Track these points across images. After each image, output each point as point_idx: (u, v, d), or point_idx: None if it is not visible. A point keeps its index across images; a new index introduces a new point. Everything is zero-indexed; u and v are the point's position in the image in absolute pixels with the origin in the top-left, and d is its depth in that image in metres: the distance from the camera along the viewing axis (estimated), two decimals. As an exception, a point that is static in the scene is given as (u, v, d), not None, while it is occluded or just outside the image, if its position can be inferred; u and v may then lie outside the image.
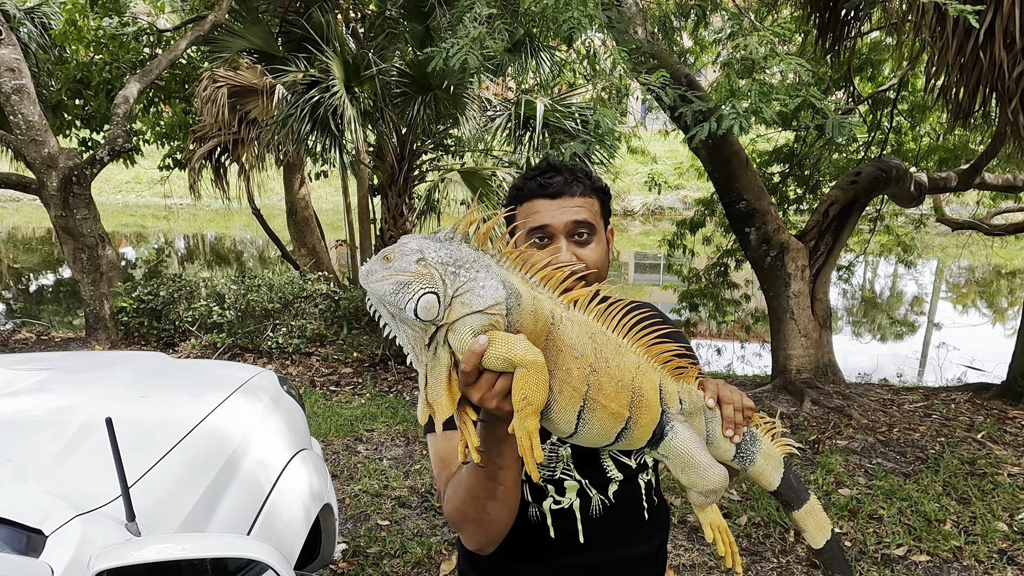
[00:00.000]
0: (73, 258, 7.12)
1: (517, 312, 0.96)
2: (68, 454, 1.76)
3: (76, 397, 2.18)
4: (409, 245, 0.95)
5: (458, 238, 0.98)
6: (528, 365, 0.93)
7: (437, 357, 0.97)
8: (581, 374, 1.00)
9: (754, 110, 3.43)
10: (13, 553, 1.35)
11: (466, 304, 0.94)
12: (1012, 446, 4.65)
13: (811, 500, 1.25)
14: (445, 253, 0.95)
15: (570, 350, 1.00)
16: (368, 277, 0.94)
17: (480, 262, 0.97)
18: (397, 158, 7.34)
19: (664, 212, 22.41)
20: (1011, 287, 14.95)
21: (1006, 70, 4.02)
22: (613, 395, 1.03)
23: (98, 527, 1.46)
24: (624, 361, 1.06)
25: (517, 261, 1.01)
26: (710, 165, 5.76)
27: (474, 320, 0.93)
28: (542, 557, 1.33)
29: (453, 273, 0.94)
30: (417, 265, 0.93)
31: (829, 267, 6.03)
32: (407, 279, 0.92)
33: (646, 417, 1.07)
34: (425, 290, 0.92)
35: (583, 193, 1.33)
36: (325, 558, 2.72)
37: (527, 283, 1.00)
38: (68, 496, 1.53)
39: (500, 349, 0.92)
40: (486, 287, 0.95)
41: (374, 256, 0.96)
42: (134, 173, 23.11)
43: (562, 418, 1.01)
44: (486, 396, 0.95)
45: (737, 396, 1.17)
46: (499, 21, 4.03)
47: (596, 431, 1.03)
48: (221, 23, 7.05)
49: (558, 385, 0.99)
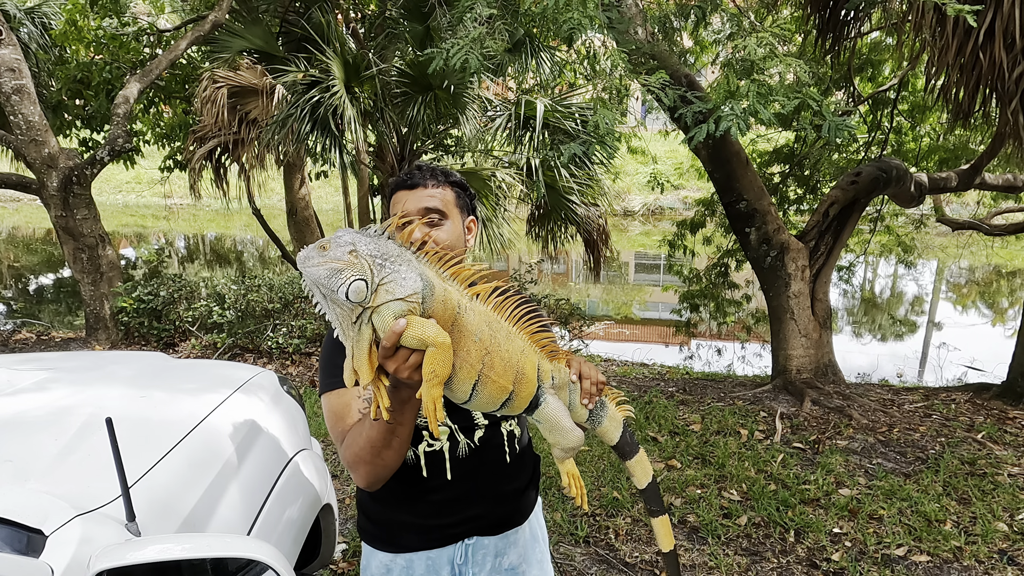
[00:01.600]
0: (73, 258, 7.12)
1: (431, 301, 1.14)
2: (68, 454, 1.76)
3: (76, 397, 2.18)
4: (344, 238, 1.10)
5: (385, 235, 1.15)
6: (438, 345, 1.11)
7: (361, 333, 1.13)
8: (478, 355, 1.20)
9: (753, 111, 3.43)
10: (13, 553, 1.35)
11: (389, 292, 1.10)
12: (1012, 446, 4.65)
13: (640, 452, 1.53)
14: (374, 247, 1.11)
15: (471, 335, 1.19)
16: (305, 262, 1.08)
17: (402, 257, 1.14)
18: (397, 158, 7.34)
19: (664, 212, 22.41)
20: (1011, 287, 14.94)
21: (1006, 70, 4.02)
22: (502, 372, 1.23)
23: (98, 527, 1.46)
24: (512, 345, 1.26)
25: (433, 258, 1.19)
26: (710, 165, 5.76)
27: (396, 306, 1.10)
28: (416, 494, 1.58)
29: (380, 265, 1.10)
30: (350, 255, 1.08)
31: (829, 267, 6.03)
32: (340, 266, 1.07)
33: (526, 390, 1.29)
34: (356, 277, 1.07)
35: (435, 184, 1.57)
36: (325, 558, 2.72)
37: (440, 277, 1.18)
38: (68, 496, 1.53)
39: (416, 331, 1.09)
40: (407, 278, 1.12)
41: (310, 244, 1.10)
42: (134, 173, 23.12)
43: (460, 388, 1.21)
44: (400, 368, 1.13)
45: (594, 372, 1.40)
46: (499, 21, 4.03)
47: (486, 400, 1.24)
48: (221, 23, 7.05)
49: (459, 362, 1.18)
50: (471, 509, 1.61)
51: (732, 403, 5.54)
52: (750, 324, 9.09)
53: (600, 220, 7.71)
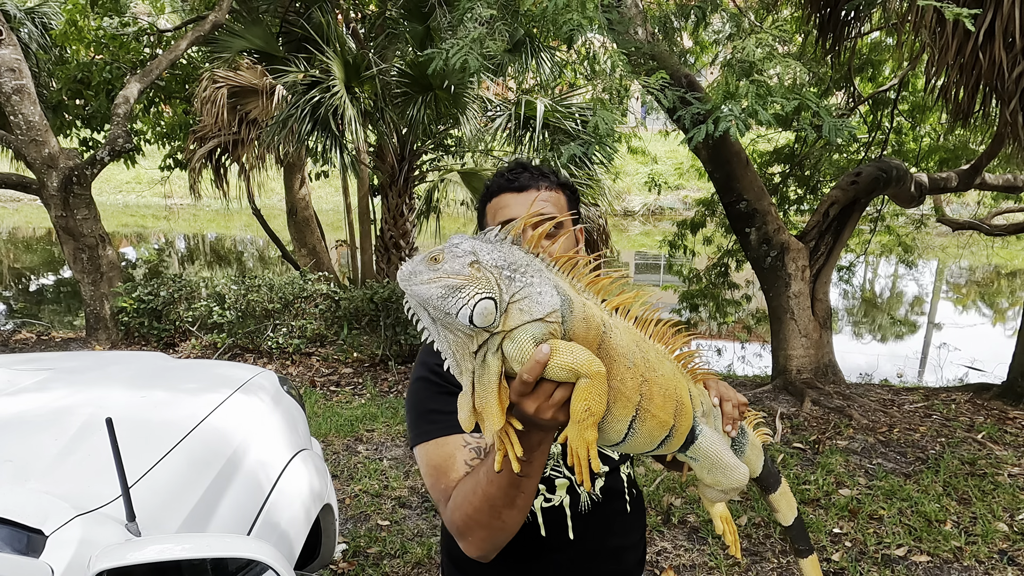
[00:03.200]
0: (73, 258, 7.12)
1: (570, 320, 0.94)
2: (68, 454, 1.76)
3: (76, 397, 2.18)
4: (462, 246, 0.91)
5: (509, 240, 0.95)
6: (592, 375, 0.90)
7: (486, 365, 0.92)
8: (634, 384, 0.99)
9: (752, 112, 3.43)
10: (13, 553, 1.35)
11: (525, 311, 0.91)
12: (1012, 446, 4.65)
13: (783, 483, 1.36)
14: (499, 256, 0.91)
15: (623, 359, 0.98)
16: (411, 279, 0.89)
17: (533, 267, 0.94)
18: (397, 158, 7.34)
19: (664, 212, 22.40)
20: (1011, 287, 14.94)
21: (1006, 70, 4.02)
22: (662, 404, 1.03)
23: (98, 527, 1.46)
24: (666, 369, 1.06)
25: (566, 265, 0.99)
26: (710, 165, 5.76)
27: (535, 328, 0.90)
28: (532, 555, 1.36)
29: (508, 278, 0.91)
30: (471, 268, 0.89)
31: (829, 267, 6.03)
32: (459, 283, 0.87)
33: (684, 423, 1.09)
34: (482, 295, 0.88)
35: (549, 187, 1.38)
36: (325, 558, 2.72)
37: (575, 289, 0.98)
38: (68, 496, 1.54)
39: (564, 358, 0.89)
40: (543, 293, 0.92)
41: (416, 256, 0.92)
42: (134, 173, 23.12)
43: (614, 428, 1.00)
44: (543, 406, 0.92)
45: (732, 392, 1.22)
46: (499, 22, 4.03)
47: (643, 439, 1.04)
48: (221, 23, 7.05)
49: (613, 395, 0.96)
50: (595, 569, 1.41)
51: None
52: (750, 324, 9.09)
53: (600, 220, 7.72)
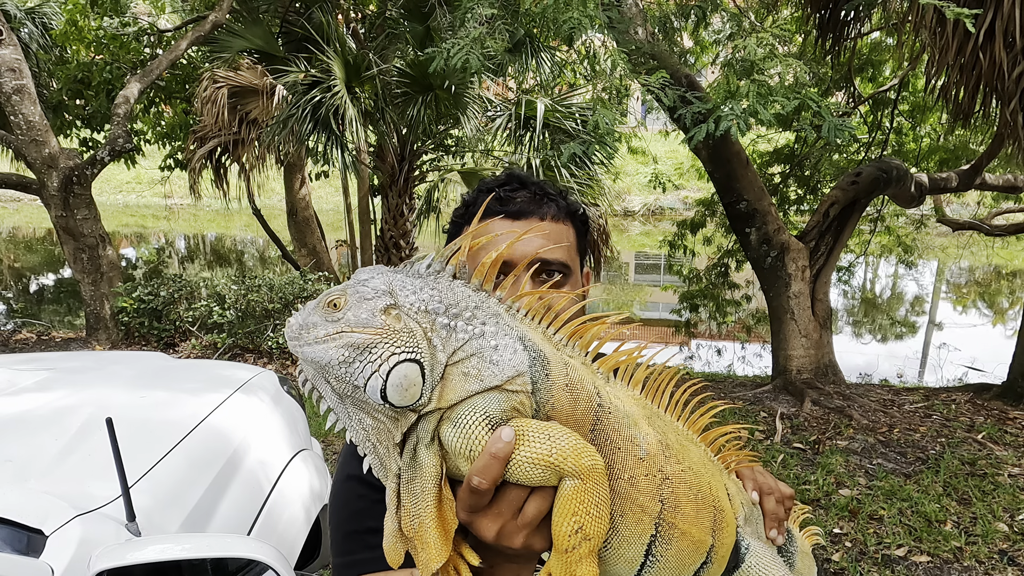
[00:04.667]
0: (74, 258, 7.12)
1: (546, 387, 0.64)
2: (68, 454, 1.76)
3: (76, 397, 2.18)
4: (372, 283, 0.63)
5: (448, 271, 0.66)
6: (584, 474, 0.60)
7: (417, 463, 0.63)
8: (651, 485, 0.67)
9: (753, 111, 3.43)
10: (13, 553, 1.35)
11: (472, 376, 0.62)
12: (1012, 447, 4.65)
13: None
14: (430, 296, 0.63)
15: (631, 446, 0.67)
16: (302, 336, 0.62)
17: (485, 310, 0.65)
18: (398, 158, 7.34)
19: (664, 212, 22.40)
20: (1011, 288, 14.94)
21: (1006, 71, 4.02)
22: (694, 515, 0.70)
23: (98, 527, 1.46)
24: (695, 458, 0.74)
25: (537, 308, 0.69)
26: (710, 165, 5.76)
27: (489, 402, 0.61)
28: None
29: (447, 327, 0.62)
30: (385, 316, 0.61)
31: (829, 267, 6.03)
32: (368, 339, 0.60)
33: (727, 541, 0.75)
34: (402, 356, 0.60)
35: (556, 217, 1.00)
36: (325, 558, 2.72)
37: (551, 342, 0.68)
38: (68, 496, 1.53)
39: (537, 449, 0.59)
40: (501, 348, 0.63)
41: (310, 303, 0.64)
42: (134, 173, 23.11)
43: (623, 555, 0.67)
44: (508, 528, 0.62)
45: (773, 482, 0.90)
46: (499, 21, 4.03)
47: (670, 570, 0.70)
48: (222, 23, 7.05)
49: (619, 504, 0.66)
50: None
51: (732, 403, 5.53)
52: (750, 324, 9.09)
53: (600, 220, 7.71)
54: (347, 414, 0.65)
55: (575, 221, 1.06)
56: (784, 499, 0.88)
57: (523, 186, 1.02)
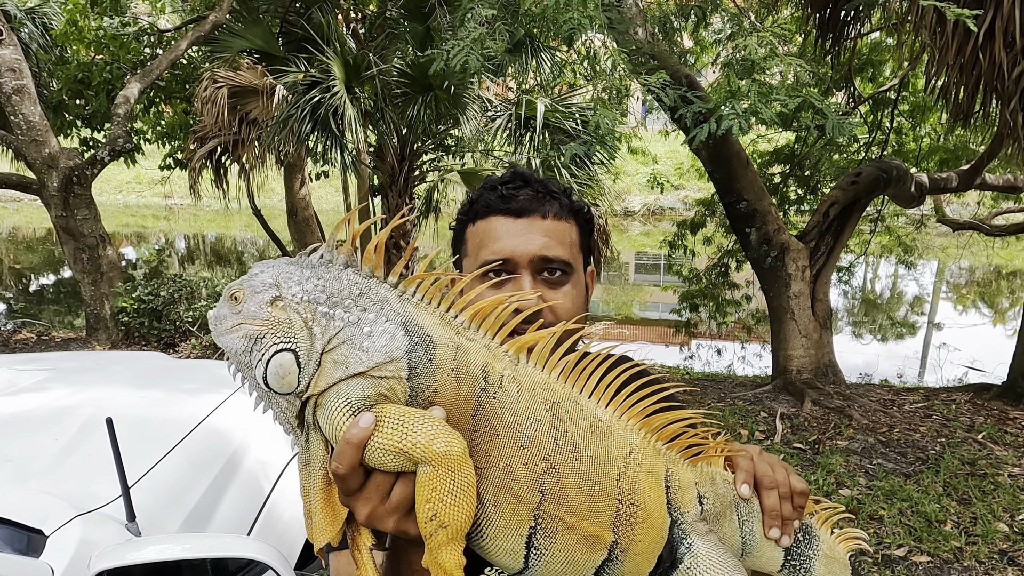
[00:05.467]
0: (74, 258, 7.12)
1: (429, 372, 0.65)
2: (68, 454, 1.76)
3: (76, 397, 2.19)
4: (261, 277, 0.66)
5: (339, 260, 0.67)
6: (437, 460, 0.59)
7: (308, 446, 0.66)
8: (530, 474, 0.65)
9: (754, 111, 3.43)
10: (13, 553, 1.35)
11: (340, 363, 0.63)
12: (1013, 447, 4.64)
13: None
14: (313, 286, 0.65)
15: (512, 433, 0.66)
16: (217, 326, 0.66)
17: (370, 296, 0.66)
18: (398, 158, 7.34)
19: (664, 212, 22.40)
20: (1011, 288, 14.94)
21: (1006, 71, 4.02)
22: (585, 508, 0.66)
23: (98, 527, 1.46)
24: (607, 447, 0.69)
25: (434, 292, 0.69)
26: (711, 165, 5.76)
27: (352, 388, 0.62)
28: None
29: (325, 315, 0.64)
30: (271, 308, 0.64)
31: (829, 267, 6.03)
32: (257, 329, 0.64)
33: (645, 538, 0.69)
34: (278, 346, 0.63)
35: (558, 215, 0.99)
36: (325, 558, 2.71)
37: (450, 326, 0.68)
38: (68, 496, 1.53)
39: (391, 435, 0.60)
40: (376, 334, 0.64)
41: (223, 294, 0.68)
42: (135, 173, 23.12)
43: (501, 546, 0.66)
44: (378, 512, 0.63)
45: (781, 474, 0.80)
46: (499, 22, 4.03)
47: (560, 565, 0.67)
48: (222, 23, 7.05)
49: (492, 492, 0.65)
50: None
51: (732, 403, 5.53)
52: (750, 324, 9.09)
53: (600, 220, 7.71)
54: (267, 396, 0.68)
55: (579, 219, 1.05)
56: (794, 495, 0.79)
57: (526, 184, 1.02)
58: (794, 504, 0.79)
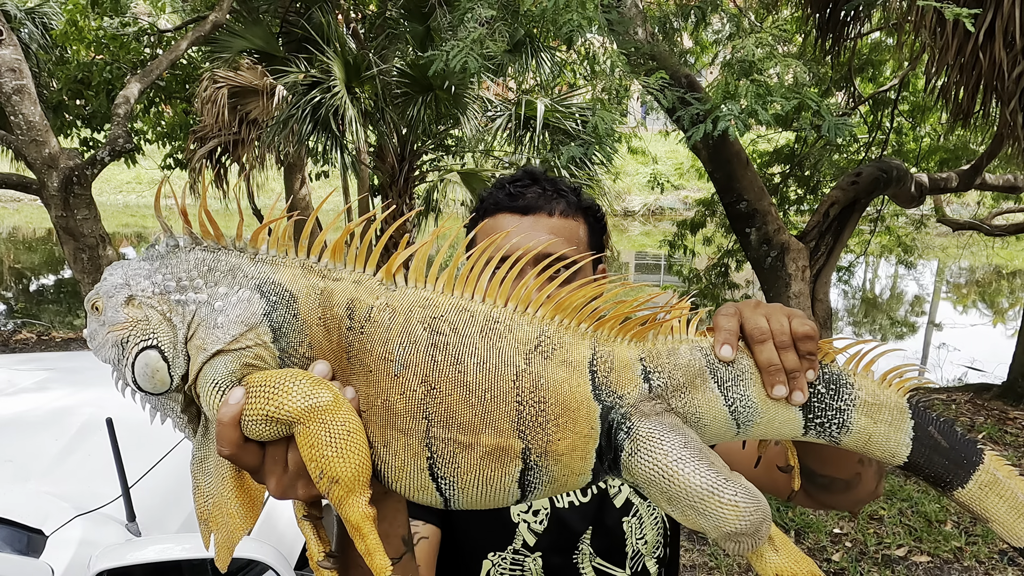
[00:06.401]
0: (74, 258, 7.12)
1: (295, 329, 0.62)
2: (69, 454, 1.76)
3: (76, 397, 2.19)
4: (111, 280, 0.64)
5: (185, 243, 0.65)
6: (303, 417, 0.57)
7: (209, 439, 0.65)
8: (409, 402, 0.61)
9: (751, 111, 3.43)
10: (14, 553, 1.35)
11: (200, 347, 0.61)
12: (1013, 446, 4.65)
13: (987, 461, 0.70)
14: (162, 276, 0.63)
15: (384, 364, 0.61)
16: (91, 343, 0.64)
17: (219, 267, 0.64)
18: (398, 158, 7.34)
19: (664, 212, 22.40)
20: (1012, 288, 14.94)
21: (1006, 70, 4.02)
22: (477, 421, 0.61)
23: (98, 527, 1.46)
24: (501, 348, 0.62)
25: (287, 242, 0.67)
26: (710, 165, 5.76)
27: (216, 367, 0.60)
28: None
29: (179, 303, 0.62)
30: (127, 308, 0.62)
31: (830, 268, 6.03)
32: (120, 334, 0.62)
33: (565, 435, 0.62)
34: (140, 345, 0.61)
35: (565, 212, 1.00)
36: (325, 558, 2.71)
37: (312, 273, 0.65)
38: (68, 496, 1.54)
39: (256, 404, 0.58)
40: (227, 307, 0.61)
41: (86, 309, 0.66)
42: (135, 173, 23.11)
43: (410, 486, 0.62)
44: (283, 483, 0.62)
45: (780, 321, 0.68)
46: (499, 22, 4.03)
47: (477, 489, 0.62)
48: (222, 23, 7.05)
49: (379, 432, 0.61)
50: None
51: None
52: (750, 324, 9.08)
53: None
54: (161, 405, 0.65)
55: (588, 217, 1.06)
56: (796, 341, 0.66)
57: (535, 182, 1.03)
58: (800, 352, 0.66)
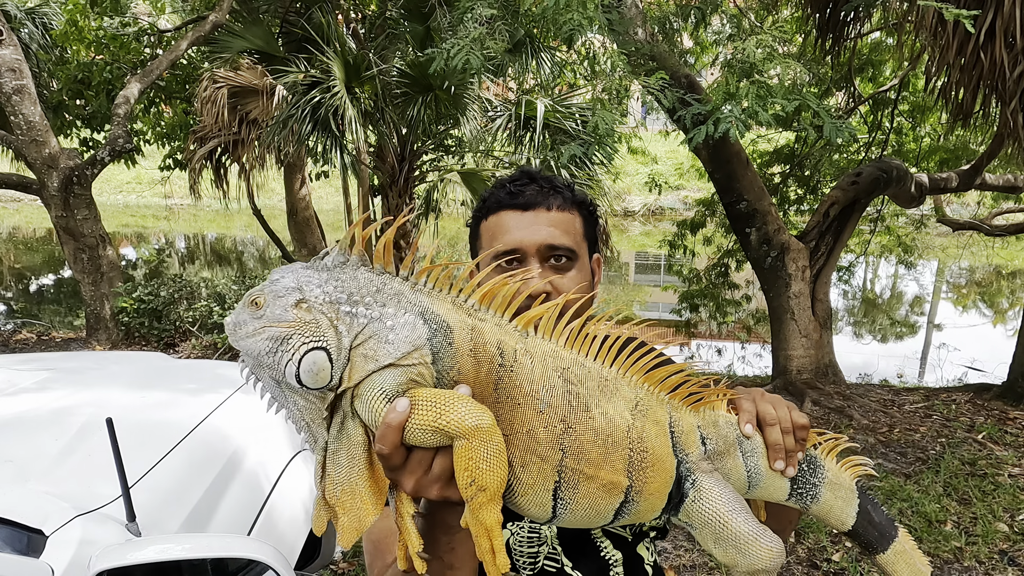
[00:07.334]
0: (74, 258, 7.12)
1: (449, 355, 0.71)
2: (69, 454, 1.76)
3: (76, 397, 2.19)
4: (283, 282, 0.71)
5: (352, 261, 0.73)
6: (469, 434, 0.67)
7: (345, 435, 0.72)
8: (550, 435, 0.74)
9: (752, 112, 3.43)
10: (14, 553, 1.35)
11: (371, 357, 0.69)
12: (1013, 447, 4.65)
13: (900, 537, 0.94)
14: (334, 287, 0.71)
15: (531, 400, 0.74)
16: (236, 331, 0.71)
17: (386, 291, 0.72)
18: (398, 158, 7.34)
19: (664, 212, 22.39)
20: (1012, 288, 14.94)
21: (1006, 70, 4.02)
22: (601, 459, 0.76)
23: (98, 527, 1.46)
24: (615, 403, 0.78)
25: (443, 280, 0.75)
26: (711, 166, 5.76)
27: (386, 378, 0.69)
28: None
29: (348, 314, 0.70)
30: (296, 310, 0.69)
31: (830, 268, 6.03)
32: (284, 331, 0.69)
33: (656, 479, 0.79)
34: (310, 344, 0.68)
35: (561, 207, 1.09)
36: (325, 558, 2.72)
37: (462, 309, 0.75)
38: (69, 496, 1.54)
39: (427, 416, 0.67)
40: (397, 327, 0.70)
41: (240, 303, 0.72)
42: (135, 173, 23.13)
43: (532, 501, 0.75)
44: (422, 482, 0.71)
45: (783, 411, 0.88)
46: (499, 22, 4.03)
47: (584, 511, 0.77)
48: (222, 23, 7.06)
49: (520, 455, 0.73)
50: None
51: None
52: (750, 324, 9.08)
53: (600, 220, 7.71)
54: (283, 396, 0.73)
55: (582, 210, 1.14)
56: (795, 428, 0.87)
57: (532, 180, 1.11)
58: (796, 437, 0.87)
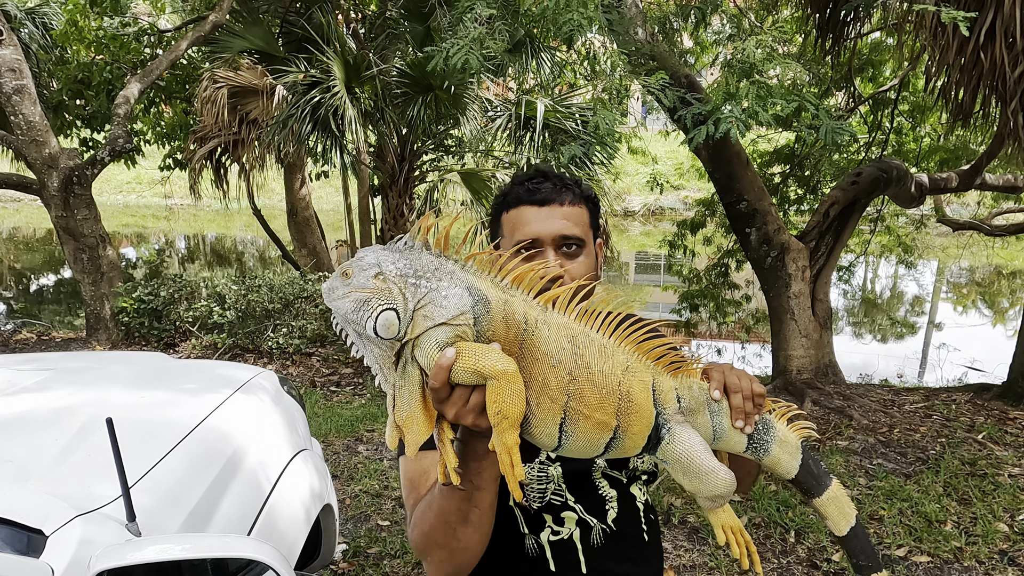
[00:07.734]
0: (74, 258, 7.12)
1: (487, 320, 0.94)
2: (69, 454, 1.76)
3: (77, 397, 2.19)
4: (366, 259, 0.93)
5: (418, 246, 0.96)
6: (499, 376, 0.90)
7: (407, 375, 0.95)
8: (559, 383, 0.97)
9: (752, 113, 3.43)
10: (13, 553, 1.35)
11: (428, 317, 0.92)
12: (1013, 447, 4.65)
13: (833, 485, 1.16)
14: (404, 264, 0.93)
15: (546, 358, 0.96)
16: (331, 294, 0.93)
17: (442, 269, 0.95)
18: (398, 158, 7.34)
19: (664, 212, 22.39)
20: (1012, 288, 14.94)
21: (1006, 70, 4.02)
22: (597, 404, 0.98)
23: (99, 527, 1.46)
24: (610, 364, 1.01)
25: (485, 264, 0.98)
26: (711, 166, 5.76)
27: (439, 333, 0.92)
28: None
29: (413, 285, 0.92)
30: (375, 280, 0.91)
31: (830, 268, 6.03)
32: (366, 295, 0.91)
33: (637, 423, 1.02)
34: (384, 306, 0.90)
35: (572, 202, 1.30)
36: (325, 558, 2.72)
37: (497, 287, 0.97)
38: (69, 496, 1.54)
39: (468, 361, 0.90)
40: (449, 296, 0.93)
41: (335, 272, 0.94)
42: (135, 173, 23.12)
43: (543, 432, 0.98)
44: (461, 412, 0.93)
45: (746, 382, 1.10)
46: (499, 22, 4.03)
47: (581, 443, 1.00)
48: (222, 24, 7.06)
49: (535, 397, 0.96)
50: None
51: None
52: (750, 324, 9.08)
53: (600, 220, 7.71)
54: (364, 346, 0.96)
55: (588, 204, 1.34)
56: (754, 396, 1.09)
57: (547, 179, 1.31)
58: (755, 403, 1.09)
